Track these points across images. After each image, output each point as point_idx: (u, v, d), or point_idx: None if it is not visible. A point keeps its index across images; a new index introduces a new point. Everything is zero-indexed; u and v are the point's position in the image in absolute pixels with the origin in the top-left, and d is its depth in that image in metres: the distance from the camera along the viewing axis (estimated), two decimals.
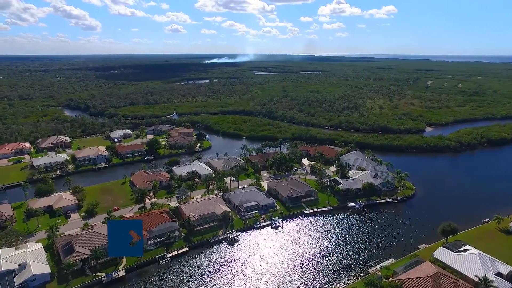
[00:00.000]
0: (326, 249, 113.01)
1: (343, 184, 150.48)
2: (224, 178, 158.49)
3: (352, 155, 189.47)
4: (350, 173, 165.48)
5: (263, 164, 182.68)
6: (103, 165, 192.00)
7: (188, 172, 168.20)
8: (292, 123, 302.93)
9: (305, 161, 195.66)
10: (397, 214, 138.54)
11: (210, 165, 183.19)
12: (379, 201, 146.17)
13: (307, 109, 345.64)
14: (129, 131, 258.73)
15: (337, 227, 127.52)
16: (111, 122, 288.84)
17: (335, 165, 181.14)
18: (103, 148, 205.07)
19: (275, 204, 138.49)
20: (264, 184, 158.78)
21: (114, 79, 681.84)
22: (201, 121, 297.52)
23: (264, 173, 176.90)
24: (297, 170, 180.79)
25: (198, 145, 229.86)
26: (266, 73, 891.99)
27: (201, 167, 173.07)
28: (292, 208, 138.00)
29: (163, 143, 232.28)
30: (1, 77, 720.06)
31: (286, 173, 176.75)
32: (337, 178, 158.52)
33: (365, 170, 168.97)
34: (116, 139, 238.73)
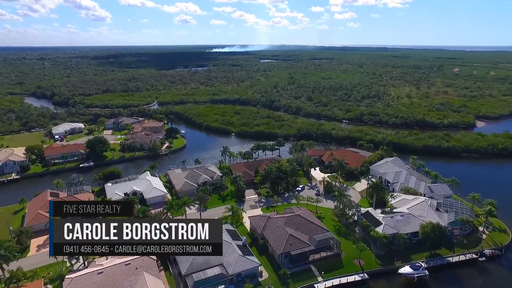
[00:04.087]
0: None
1: (385, 225, 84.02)
2: (186, 206, 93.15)
3: (390, 165, 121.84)
4: (395, 202, 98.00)
5: (250, 179, 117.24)
6: (14, 176, 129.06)
7: (125, 194, 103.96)
8: (298, 115, 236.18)
9: (316, 173, 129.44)
10: None
11: (169, 180, 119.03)
12: (452, 259, 79.80)
13: (317, 98, 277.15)
14: (80, 125, 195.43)
15: None
16: (66, 113, 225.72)
17: (367, 182, 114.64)
18: (21, 151, 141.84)
19: (259, 269, 73.31)
20: (245, 218, 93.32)
21: (108, 66, 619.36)
22: (181, 112, 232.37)
23: (251, 195, 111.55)
24: (303, 189, 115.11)
25: (165, 146, 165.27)
26: (273, 60, 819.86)
27: (148, 185, 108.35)
28: (291, 276, 72.59)
29: (120, 141, 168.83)
30: None
31: (285, 194, 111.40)
32: (372, 210, 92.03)
33: (416, 194, 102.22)
34: (57, 136, 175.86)
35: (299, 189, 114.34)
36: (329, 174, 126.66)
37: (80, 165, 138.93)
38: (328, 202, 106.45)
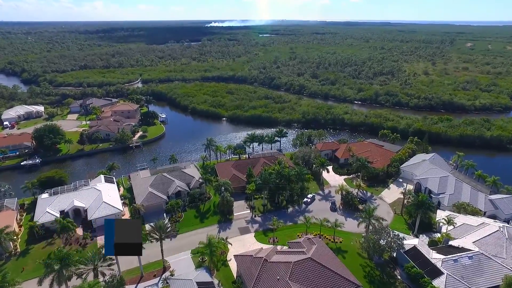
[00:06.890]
0: None
1: (448, 276, 53.48)
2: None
3: (428, 166, 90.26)
4: (452, 230, 66.86)
5: (240, 186, 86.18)
6: None
7: (61, 212, 73.14)
8: (302, 94, 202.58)
9: (330, 176, 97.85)
10: None
11: (130, 188, 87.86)
12: None
13: (323, 75, 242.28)
14: (39, 109, 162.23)
15: None
16: (28, 92, 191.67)
17: (402, 190, 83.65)
18: None
19: None
20: (230, 255, 63.05)
21: (96, 41, 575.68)
22: (165, 91, 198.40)
23: (241, 210, 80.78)
24: (313, 199, 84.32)
25: (137, 135, 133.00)
26: (273, 35, 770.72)
27: (97, 198, 77.06)
28: None
29: (83, 128, 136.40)
30: None
31: (289, 208, 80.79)
32: (422, 246, 61.32)
33: (476, 213, 71.52)
34: (7, 123, 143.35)
35: (308, 200, 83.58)
36: (346, 177, 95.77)
37: (22, 163, 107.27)
38: (348, 221, 76.10)
